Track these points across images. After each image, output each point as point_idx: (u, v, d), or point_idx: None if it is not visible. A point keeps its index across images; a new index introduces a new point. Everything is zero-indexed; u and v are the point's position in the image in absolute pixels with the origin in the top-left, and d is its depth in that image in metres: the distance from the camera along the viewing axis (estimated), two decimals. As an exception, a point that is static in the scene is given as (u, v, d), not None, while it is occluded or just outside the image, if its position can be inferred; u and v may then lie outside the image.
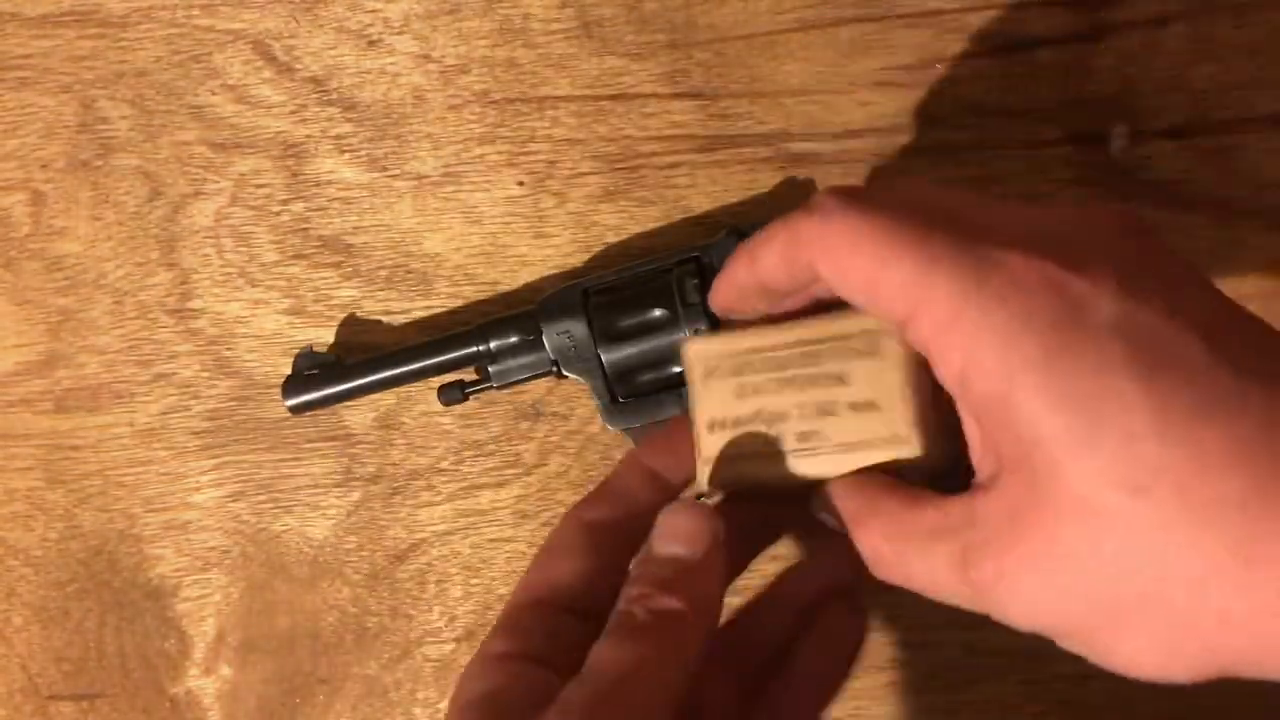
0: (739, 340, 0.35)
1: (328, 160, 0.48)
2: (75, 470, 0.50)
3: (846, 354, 0.33)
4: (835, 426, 0.33)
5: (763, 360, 0.34)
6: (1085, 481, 0.26)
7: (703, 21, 0.46)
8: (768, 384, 0.34)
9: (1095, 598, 0.27)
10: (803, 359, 0.34)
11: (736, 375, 0.35)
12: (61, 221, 0.49)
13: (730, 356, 0.35)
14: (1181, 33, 0.45)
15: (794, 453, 0.34)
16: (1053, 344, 0.26)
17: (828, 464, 0.33)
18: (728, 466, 0.35)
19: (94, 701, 0.50)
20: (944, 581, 0.30)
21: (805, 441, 0.34)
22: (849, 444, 0.33)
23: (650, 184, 0.47)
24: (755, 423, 0.34)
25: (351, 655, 0.49)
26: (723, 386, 0.35)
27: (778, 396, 0.34)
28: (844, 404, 0.33)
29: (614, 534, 0.35)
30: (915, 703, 0.47)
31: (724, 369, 0.35)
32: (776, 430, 0.34)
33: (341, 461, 0.49)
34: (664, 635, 0.30)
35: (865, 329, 0.33)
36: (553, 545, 0.35)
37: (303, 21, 0.48)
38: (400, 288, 0.48)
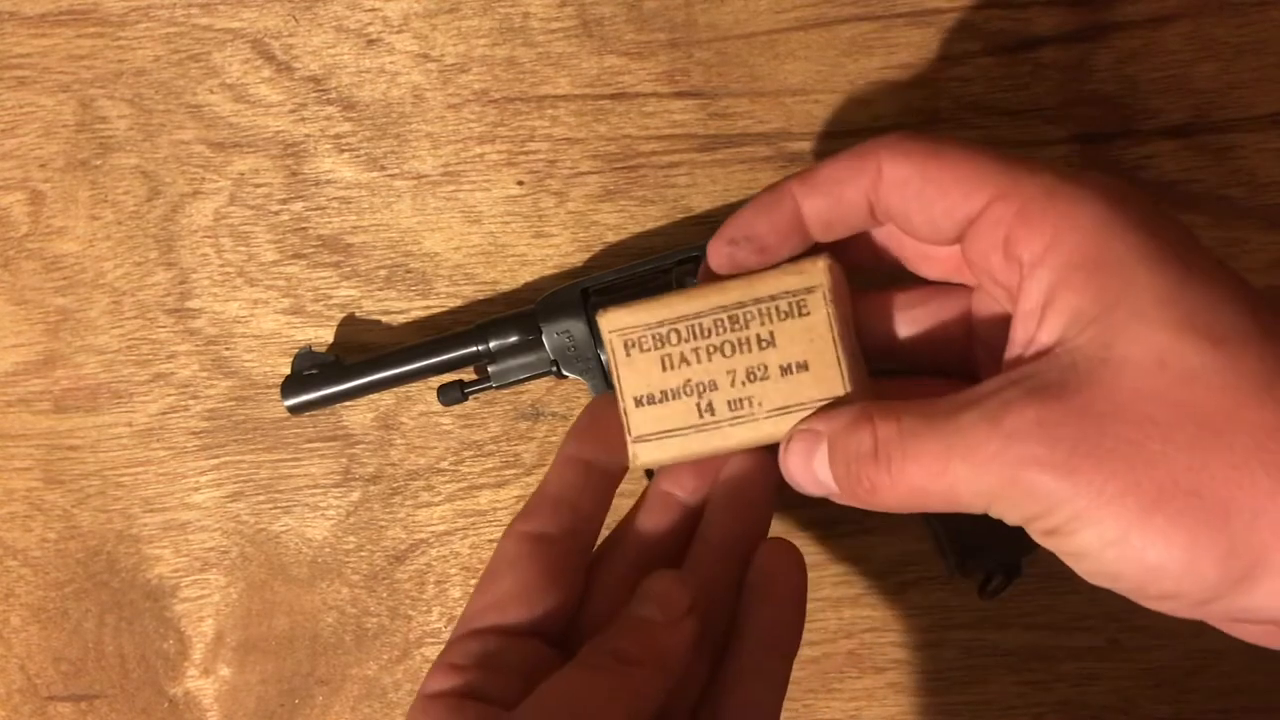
0: (657, 310, 0.34)
1: (327, 159, 0.48)
2: (74, 470, 0.50)
3: (772, 315, 0.33)
4: (767, 390, 0.33)
5: (686, 329, 0.33)
6: (1170, 328, 0.27)
7: (703, 20, 0.46)
8: (693, 353, 0.33)
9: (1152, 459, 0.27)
10: (728, 324, 0.33)
11: (659, 347, 0.34)
12: (60, 221, 0.49)
13: (650, 327, 0.34)
14: (1182, 32, 0.45)
15: (727, 421, 0.33)
16: (1150, 216, 0.29)
17: (762, 429, 0.33)
18: (659, 442, 0.34)
19: (93, 702, 0.50)
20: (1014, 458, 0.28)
21: (738, 409, 0.33)
22: (783, 407, 0.33)
23: (650, 183, 0.47)
24: (684, 394, 0.33)
25: (351, 656, 0.49)
26: (646, 360, 0.34)
27: (705, 365, 0.33)
28: (774, 366, 0.33)
29: (555, 542, 0.34)
30: (915, 703, 0.47)
31: (646, 341, 0.34)
32: (707, 400, 0.33)
33: (341, 462, 0.49)
34: (618, 678, 0.30)
35: (788, 289, 0.32)
36: (494, 566, 0.34)
37: (302, 20, 0.48)
38: (399, 287, 0.48)
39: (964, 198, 0.31)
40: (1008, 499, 0.28)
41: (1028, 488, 0.27)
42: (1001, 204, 0.30)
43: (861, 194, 0.32)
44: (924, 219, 0.32)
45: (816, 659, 0.47)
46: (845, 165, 0.32)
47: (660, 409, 0.34)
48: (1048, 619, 0.46)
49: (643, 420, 0.34)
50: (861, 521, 0.47)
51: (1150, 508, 0.26)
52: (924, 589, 0.47)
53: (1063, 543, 0.28)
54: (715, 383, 0.33)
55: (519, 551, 0.34)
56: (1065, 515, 0.27)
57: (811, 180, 0.33)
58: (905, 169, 0.31)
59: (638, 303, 0.34)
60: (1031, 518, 0.28)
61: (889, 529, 0.47)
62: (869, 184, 0.32)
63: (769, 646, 0.34)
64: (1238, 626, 0.30)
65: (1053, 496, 0.27)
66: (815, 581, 0.47)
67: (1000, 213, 0.30)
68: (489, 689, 0.31)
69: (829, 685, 0.47)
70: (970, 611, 0.47)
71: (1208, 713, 0.46)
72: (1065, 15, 0.45)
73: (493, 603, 0.33)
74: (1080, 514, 0.27)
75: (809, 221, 0.33)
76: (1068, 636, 0.46)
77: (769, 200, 0.34)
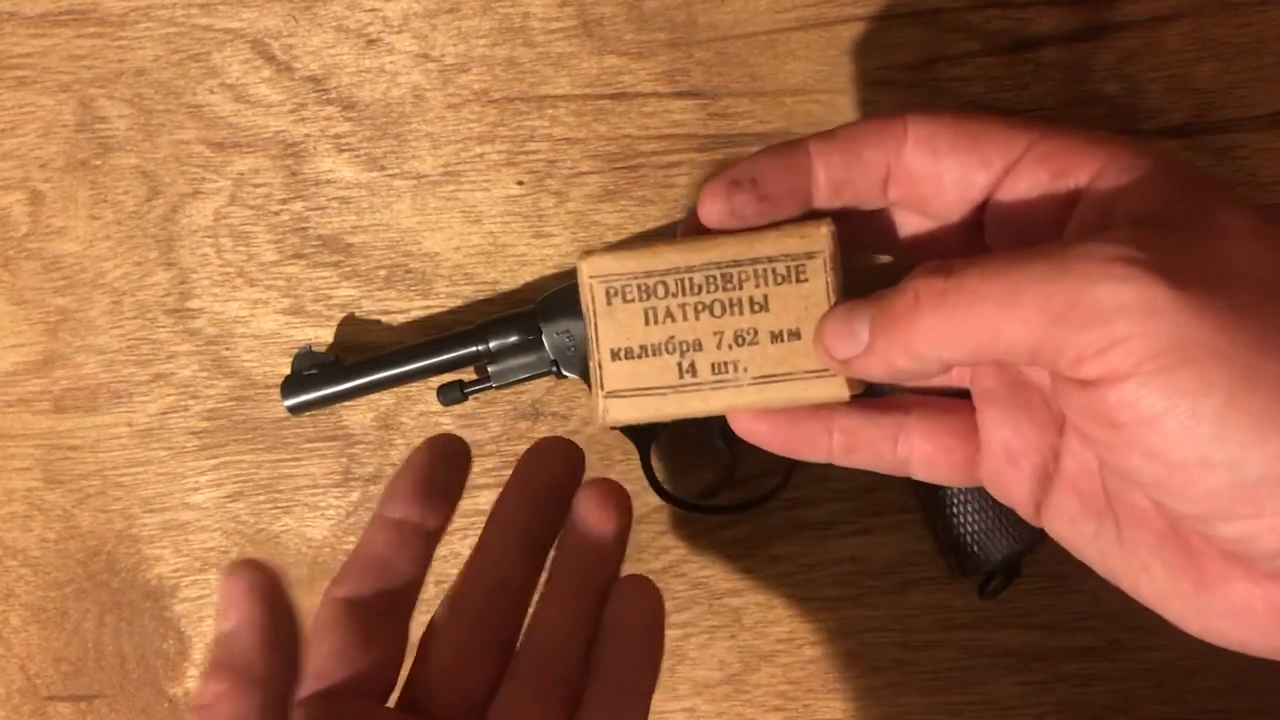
0: (647, 259, 0.31)
1: (327, 159, 0.48)
2: (74, 470, 0.50)
3: (768, 278, 0.31)
4: (755, 356, 0.31)
5: (675, 282, 0.31)
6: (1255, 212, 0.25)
7: (703, 20, 0.46)
8: (680, 309, 0.31)
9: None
10: (721, 282, 0.31)
11: (644, 299, 0.31)
12: (60, 221, 0.49)
13: (637, 277, 0.31)
14: (1183, 32, 0.45)
15: (709, 385, 0.31)
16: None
17: (745, 396, 0.31)
18: (633, 400, 0.32)
19: (92, 702, 0.50)
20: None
21: (721, 372, 0.31)
22: (769, 375, 0.31)
23: (650, 183, 0.47)
24: (666, 351, 0.31)
25: (351, 656, 0.49)
26: (628, 311, 0.31)
27: (691, 323, 0.31)
28: (765, 332, 0.31)
29: (373, 606, 0.33)
30: (916, 703, 0.47)
31: (630, 290, 0.31)
32: (690, 360, 0.31)
33: (341, 462, 0.49)
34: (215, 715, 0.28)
35: (788, 251, 0.31)
36: (312, 632, 0.33)
37: (301, 20, 0.48)
38: (399, 287, 0.48)
39: (1002, 145, 0.29)
40: (1081, 311, 0.24)
41: (1115, 291, 0.23)
42: (1042, 144, 0.28)
43: (883, 154, 0.30)
44: (958, 174, 0.30)
45: (816, 659, 0.47)
46: (870, 124, 0.31)
47: (638, 364, 0.31)
48: (1048, 619, 0.46)
49: (617, 374, 0.32)
50: (862, 521, 0.47)
51: (1263, 362, 0.23)
52: (924, 589, 0.47)
53: (1126, 394, 0.24)
54: (700, 343, 0.31)
55: (333, 617, 0.33)
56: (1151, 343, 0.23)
57: (831, 137, 0.31)
58: (935, 124, 0.30)
59: (625, 249, 0.32)
60: (1101, 345, 0.24)
61: (889, 529, 0.47)
62: (893, 145, 0.30)
63: (624, 689, 0.33)
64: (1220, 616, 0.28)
65: (1146, 311, 0.23)
66: (815, 581, 0.47)
67: (1043, 151, 0.28)
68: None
69: (829, 685, 0.47)
70: (970, 611, 0.47)
71: (1208, 713, 0.46)
72: (1065, 15, 0.45)
73: (315, 669, 0.32)
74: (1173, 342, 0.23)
75: (818, 179, 0.31)
76: (1068, 636, 0.46)
77: (783, 149, 0.31)
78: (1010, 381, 0.31)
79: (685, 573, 0.48)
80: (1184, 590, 0.28)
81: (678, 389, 0.31)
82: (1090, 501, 0.29)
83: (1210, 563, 0.27)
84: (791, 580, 0.47)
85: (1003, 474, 0.31)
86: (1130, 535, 0.28)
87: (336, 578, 0.34)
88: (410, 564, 0.34)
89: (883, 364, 0.29)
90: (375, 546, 0.34)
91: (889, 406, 0.32)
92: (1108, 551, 0.29)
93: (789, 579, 0.47)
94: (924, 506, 0.46)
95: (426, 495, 0.34)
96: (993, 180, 0.30)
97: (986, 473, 0.31)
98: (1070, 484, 0.29)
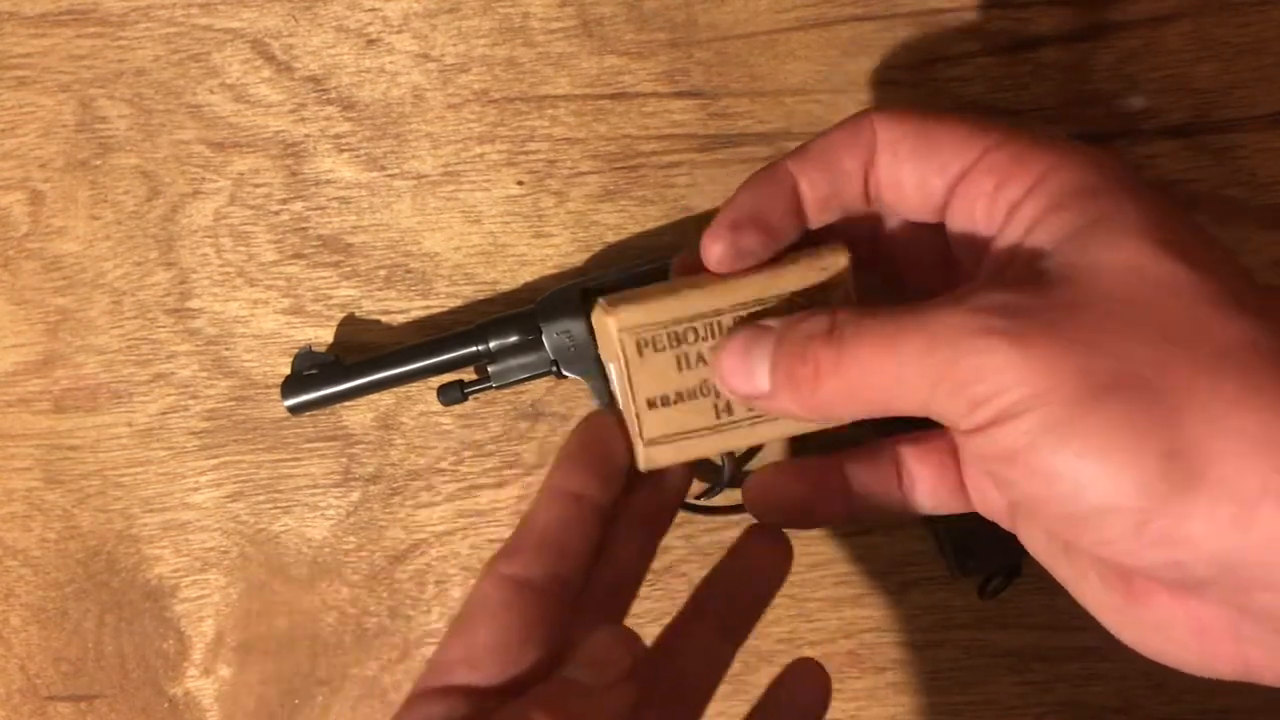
0: (674, 306, 0.32)
1: (326, 159, 0.48)
2: (74, 470, 0.50)
3: (794, 310, 0.31)
4: None
5: (705, 327, 0.32)
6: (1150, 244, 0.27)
7: (703, 20, 0.46)
8: (712, 351, 0.32)
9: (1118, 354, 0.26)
10: (749, 321, 0.31)
11: (675, 346, 0.32)
12: (60, 221, 0.49)
13: (666, 326, 0.32)
14: (1183, 32, 0.45)
15: (745, 422, 0.32)
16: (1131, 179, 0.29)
17: (779, 429, 0.32)
18: (674, 445, 0.32)
19: (92, 702, 0.50)
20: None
21: (755, 409, 0.32)
22: None
23: (650, 183, 0.47)
24: (700, 395, 0.32)
25: (351, 656, 0.49)
26: (661, 359, 0.32)
27: None
28: None
29: (540, 589, 0.31)
30: (916, 703, 0.47)
31: (661, 340, 0.32)
32: (724, 400, 0.32)
33: (340, 462, 0.49)
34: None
35: (810, 284, 0.31)
36: (470, 611, 0.31)
37: (301, 20, 0.48)
38: (399, 287, 0.48)
39: (957, 151, 0.30)
40: (954, 378, 0.26)
41: (978, 361, 0.26)
42: (995, 152, 0.30)
43: (858, 162, 0.31)
44: (917, 180, 0.31)
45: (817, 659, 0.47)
46: (838, 134, 0.32)
47: (675, 410, 0.32)
48: (1048, 619, 0.46)
49: (656, 422, 0.32)
50: (861, 521, 0.47)
51: (1101, 392, 0.25)
52: (924, 589, 0.47)
53: (1000, 437, 0.26)
54: None
55: (500, 598, 0.30)
56: (1011, 396, 0.26)
57: (806, 154, 0.32)
58: (899, 130, 0.31)
59: (650, 299, 0.32)
60: (974, 403, 0.26)
61: (889, 529, 0.47)
62: (864, 151, 0.31)
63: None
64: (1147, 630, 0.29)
65: (1003, 371, 0.26)
66: (815, 581, 0.47)
67: (994, 160, 0.30)
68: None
69: (829, 685, 0.47)
70: (970, 611, 0.47)
71: (1208, 713, 0.46)
72: (1065, 15, 0.45)
73: (466, 656, 0.30)
74: (1027, 394, 0.26)
75: (806, 200, 0.32)
76: (1068, 636, 0.46)
77: (766, 179, 0.32)
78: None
79: (685, 573, 0.48)
80: (1116, 603, 0.29)
81: (716, 430, 0.32)
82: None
83: (1134, 578, 0.29)
84: (791, 580, 0.47)
85: (982, 489, 0.33)
86: (1073, 545, 0.30)
87: (504, 551, 0.31)
88: (583, 544, 0.32)
89: (787, 413, 0.30)
90: (548, 521, 0.32)
91: (881, 448, 0.34)
92: (1058, 559, 0.31)
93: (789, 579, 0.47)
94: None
95: (605, 469, 0.33)
96: (949, 185, 0.31)
97: (970, 491, 0.33)
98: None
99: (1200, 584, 0.26)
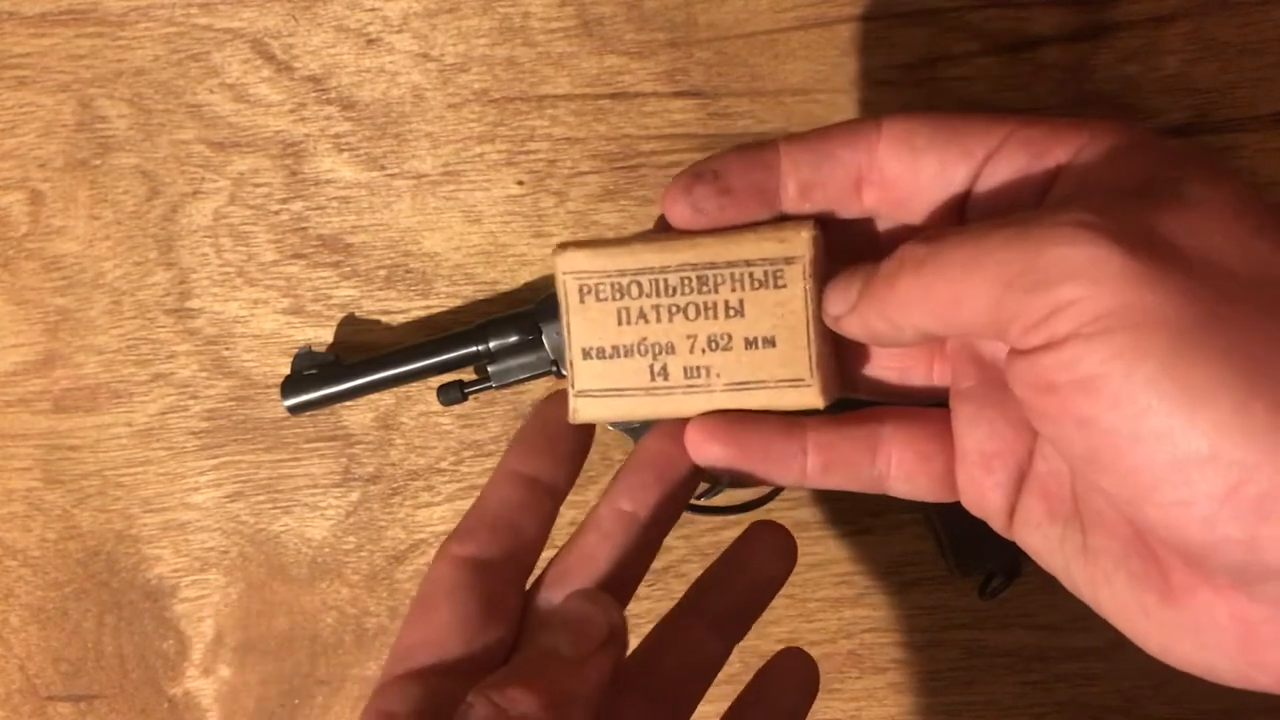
0: (622, 256, 0.30)
1: (326, 159, 0.48)
2: (73, 470, 0.50)
3: (745, 282, 0.30)
4: (728, 362, 0.30)
5: (649, 283, 0.30)
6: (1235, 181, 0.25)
7: (703, 20, 0.46)
8: (654, 310, 0.30)
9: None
10: (696, 284, 0.30)
11: (618, 298, 0.31)
12: (60, 221, 0.49)
13: (611, 275, 0.31)
14: (1183, 32, 0.45)
15: (681, 389, 0.30)
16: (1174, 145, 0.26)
17: (716, 402, 0.30)
18: (604, 400, 0.31)
19: (92, 702, 0.50)
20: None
21: (694, 377, 0.30)
22: (741, 383, 0.30)
23: (650, 183, 0.47)
24: (638, 353, 0.31)
25: (350, 656, 0.49)
26: (602, 310, 0.31)
27: (665, 325, 0.30)
28: (739, 338, 0.30)
29: (495, 568, 0.30)
30: (915, 703, 0.47)
31: (604, 289, 0.31)
32: (662, 363, 0.31)
33: (340, 462, 0.49)
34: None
35: (766, 255, 0.30)
36: (427, 593, 0.30)
37: (301, 20, 0.48)
38: (399, 287, 0.48)
39: (981, 136, 0.28)
40: (1036, 271, 0.23)
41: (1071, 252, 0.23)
42: (1024, 130, 0.28)
43: (854, 154, 0.30)
44: (937, 168, 0.29)
45: (817, 659, 0.47)
46: (842, 126, 0.30)
47: (609, 365, 0.31)
48: (1048, 619, 0.46)
49: (589, 374, 0.31)
50: (861, 521, 0.47)
51: (1213, 320, 0.22)
52: (924, 589, 0.47)
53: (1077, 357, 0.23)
54: (673, 345, 0.30)
55: (455, 579, 0.30)
56: (1103, 303, 0.22)
57: (802, 136, 0.30)
58: (912, 123, 0.29)
59: (601, 245, 0.31)
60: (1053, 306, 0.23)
61: (889, 529, 0.47)
62: (865, 145, 0.29)
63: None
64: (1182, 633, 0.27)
65: (1098, 270, 0.22)
66: (815, 581, 0.47)
67: (1025, 136, 0.27)
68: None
69: (829, 685, 0.47)
70: (970, 612, 0.47)
71: (1208, 713, 0.46)
72: (1066, 15, 0.45)
73: (429, 637, 0.30)
74: (1122, 305, 0.22)
75: (785, 177, 0.30)
76: (1068, 637, 0.46)
77: (750, 147, 0.30)
78: (989, 380, 0.30)
79: (685, 573, 0.47)
80: (1148, 603, 0.27)
81: (649, 391, 0.31)
82: (1058, 505, 0.28)
83: (1176, 571, 0.26)
84: (791, 580, 0.47)
85: (977, 481, 0.30)
86: (1095, 543, 0.27)
87: (457, 533, 0.31)
88: (537, 525, 0.31)
89: (861, 325, 0.28)
90: (501, 503, 0.31)
91: (863, 419, 0.31)
92: (1072, 560, 0.28)
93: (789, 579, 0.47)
94: (925, 505, 0.46)
95: (561, 452, 0.32)
96: (974, 171, 0.29)
97: (962, 482, 0.30)
98: (1039, 487, 0.29)
99: (1264, 576, 0.23)
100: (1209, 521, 0.23)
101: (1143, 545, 0.27)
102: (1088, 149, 0.27)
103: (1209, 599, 0.25)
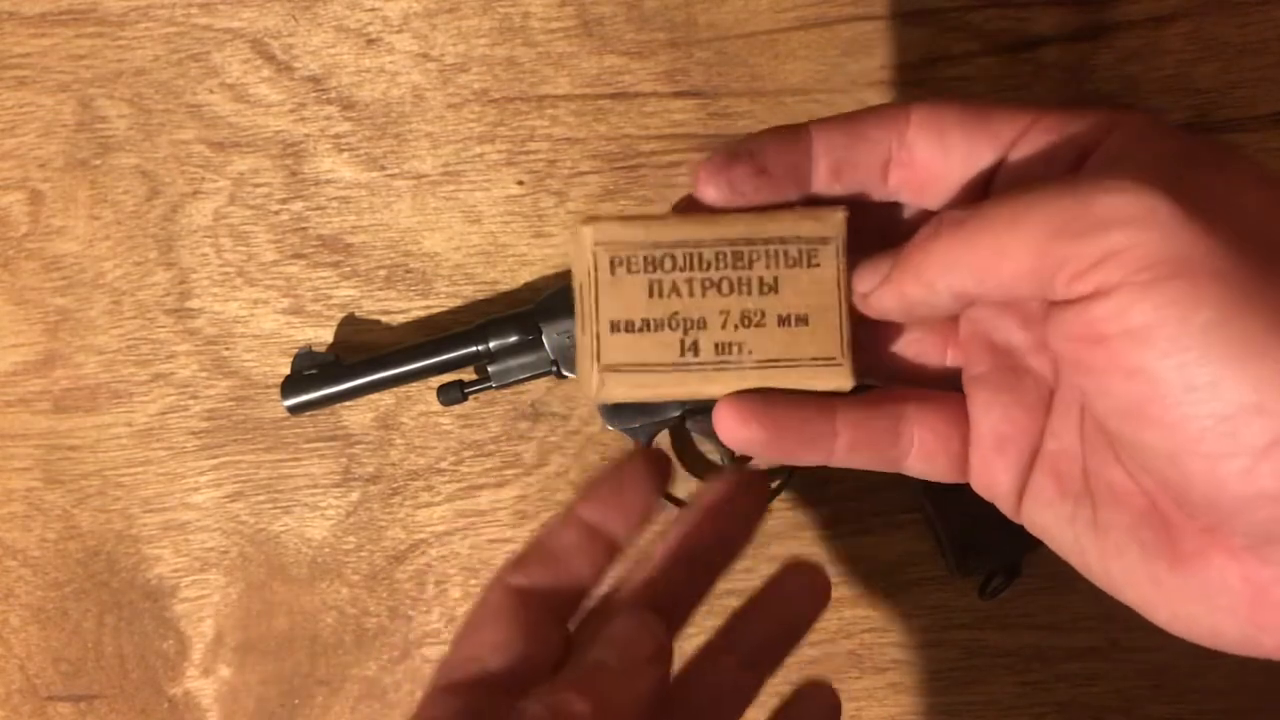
0: (656, 229, 0.30)
1: (326, 159, 0.48)
2: (73, 470, 0.50)
3: (780, 259, 0.30)
4: (761, 339, 0.30)
5: (684, 256, 0.30)
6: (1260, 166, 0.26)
7: (703, 20, 0.46)
8: (686, 284, 0.30)
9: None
10: (731, 260, 0.30)
11: (650, 271, 0.30)
12: (60, 221, 0.49)
13: (645, 247, 0.30)
14: (1183, 32, 0.45)
15: (712, 365, 0.30)
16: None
17: (747, 380, 0.30)
18: (631, 375, 0.30)
19: (92, 702, 0.50)
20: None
21: (725, 353, 0.30)
22: (773, 360, 0.30)
23: (650, 183, 0.47)
24: (669, 327, 0.30)
25: (350, 656, 0.49)
26: (633, 282, 0.30)
27: (698, 300, 0.30)
28: (773, 315, 0.30)
29: (544, 601, 0.31)
30: (916, 703, 0.47)
31: (636, 261, 0.30)
32: (693, 338, 0.30)
33: (340, 462, 0.49)
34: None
35: (802, 234, 0.30)
36: (477, 615, 0.31)
37: (301, 20, 0.48)
38: (399, 287, 0.48)
39: (1009, 120, 0.29)
40: (1087, 217, 0.23)
41: (1122, 200, 0.23)
42: (1049, 116, 0.28)
43: (885, 134, 0.30)
44: (965, 150, 0.29)
45: (816, 659, 0.47)
46: (871, 110, 0.30)
47: (639, 339, 0.30)
48: (1048, 619, 0.46)
49: (616, 347, 0.30)
50: (862, 521, 0.47)
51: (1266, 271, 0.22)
52: (924, 589, 0.47)
53: (1126, 306, 0.23)
54: (705, 320, 0.30)
55: (502, 604, 0.31)
56: (1155, 250, 0.22)
57: (831, 119, 0.31)
58: (938, 108, 0.30)
59: (633, 218, 0.30)
60: (1105, 253, 0.23)
61: (889, 529, 0.47)
62: (896, 126, 0.30)
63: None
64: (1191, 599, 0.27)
65: (1151, 215, 0.22)
66: (815, 582, 0.47)
67: (1051, 121, 0.28)
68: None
69: (829, 685, 0.47)
70: (970, 612, 0.47)
71: (1208, 713, 0.46)
72: (1066, 15, 0.45)
73: (472, 654, 0.31)
74: (1175, 253, 0.22)
75: (818, 160, 0.30)
76: (1068, 636, 0.46)
77: (784, 128, 0.31)
78: (1001, 365, 0.31)
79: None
80: (1158, 572, 0.27)
81: (678, 367, 0.30)
82: (1068, 482, 0.29)
83: (1188, 538, 0.27)
84: (791, 580, 0.47)
85: (989, 463, 0.31)
86: (1106, 517, 0.28)
87: (514, 562, 0.32)
88: (590, 572, 0.32)
89: (895, 294, 0.28)
90: (562, 543, 0.32)
91: (887, 400, 0.32)
92: (1082, 535, 0.29)
93: (789, 579, 0.47)
94: (926, 505, 0.46)
95: (628, 508, 0.32)
96: (1000, 154, 0.29)
97: (975, 463, 0.31)
98: (1050, 465, 0.29)
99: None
100: (1249, 474, 0.23)
101: (1155, 515, 0.27)
102: (1117, 132, 0.27)
103: (1221, 563, 0.26)
